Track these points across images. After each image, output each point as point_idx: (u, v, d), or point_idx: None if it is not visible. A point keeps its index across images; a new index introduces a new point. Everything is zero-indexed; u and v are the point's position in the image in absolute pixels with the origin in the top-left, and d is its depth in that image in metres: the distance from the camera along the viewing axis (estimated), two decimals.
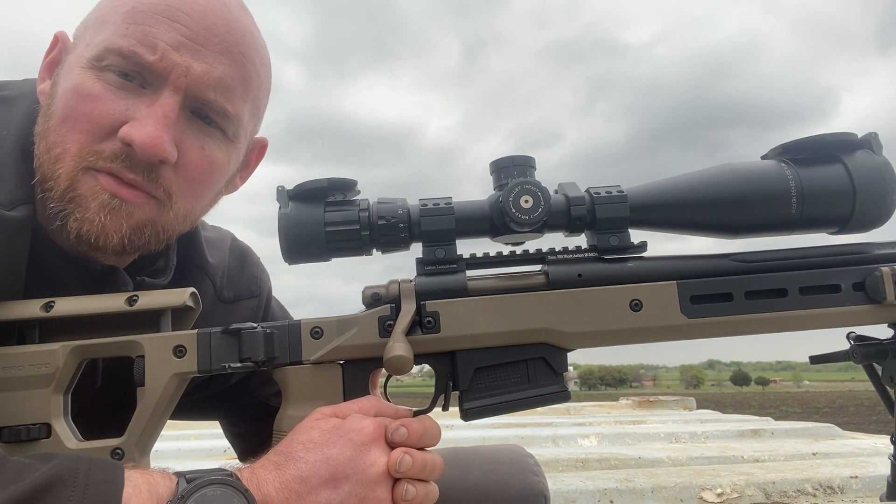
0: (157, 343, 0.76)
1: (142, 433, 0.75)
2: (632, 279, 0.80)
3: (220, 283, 0.98)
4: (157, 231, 0.81)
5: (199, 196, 0.84)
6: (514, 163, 0.80)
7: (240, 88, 0.82)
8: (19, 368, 0.74)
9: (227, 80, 0.79)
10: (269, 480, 0.65)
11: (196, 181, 0.82)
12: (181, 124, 0.78)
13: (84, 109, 0.75)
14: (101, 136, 0.75)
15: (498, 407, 0.79)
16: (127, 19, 0.76)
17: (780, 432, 3.21)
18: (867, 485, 2.12)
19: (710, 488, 2.03)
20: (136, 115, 0.75)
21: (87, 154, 0.75)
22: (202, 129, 0.81)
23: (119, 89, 0.76)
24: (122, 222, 0.77)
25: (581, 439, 3.00)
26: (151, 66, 0.75)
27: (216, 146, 0.82)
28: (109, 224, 0.76)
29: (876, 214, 0.81)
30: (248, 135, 0.89)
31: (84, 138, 0.75)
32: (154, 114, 0.75)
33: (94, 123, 0.75)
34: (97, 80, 0.75)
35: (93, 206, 0.75)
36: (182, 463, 0.75)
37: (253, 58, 0.83)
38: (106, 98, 0.75)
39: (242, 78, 0.82)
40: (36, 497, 0.56)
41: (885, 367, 0.88)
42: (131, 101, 0.76)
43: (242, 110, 0.83)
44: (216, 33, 0.78)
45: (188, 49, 0.76)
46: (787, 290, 0.79)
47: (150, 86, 0.77)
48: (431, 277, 0.79)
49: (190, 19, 0.77)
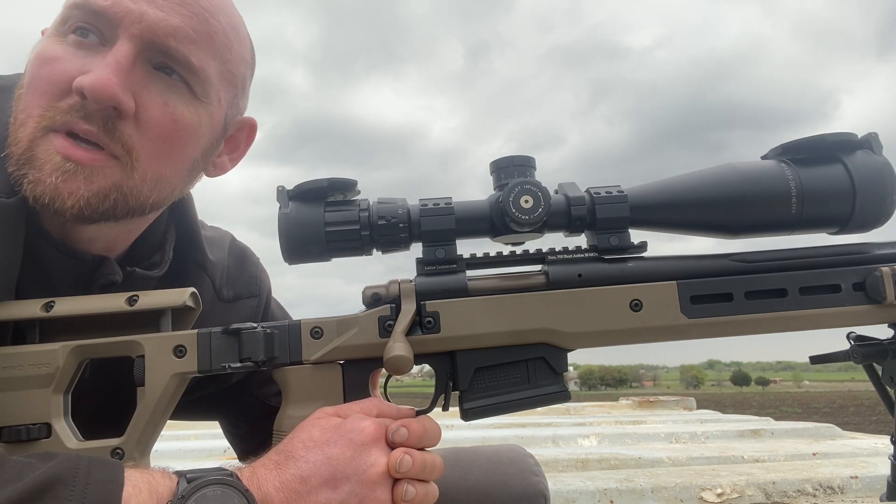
0: (158, 343, 0.76)
1: (142, 433, 0.75)
2: (632, 279, 0.80)
3: (219, 282, 0.98)
4: (125, 196, 0.77)
5: (166, 157, 0.80)
6: (514, 163, 0.80)
7: (203, 42, 0.79)
8: (19, 368, 0.74)
9: (185, 28, 0.77)
10: (270, 480, 0.65)
11: (161, 139, 0.78)
12: (138, 76, 0.75)
13: (43, 72, 0.74)
14: (59, 95, 0.74)
15: (498, 407, 0.79)
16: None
17: (780, 432, 3.21)
18: (867, 485, 2.12)
19: (710, 488, 2.03)
20: (91, 67, 0.73)
21: (46, 113, 0.73)
22: (165, 83, 0.78)
23: (77, 48, 0.75)
24: (80, 185, 0.74)
25: (581, 439, 3.00)
26: (105, 12, 0.74)
27: (181, 103, 0.79)
28: (63, 186, 0.73)
29: (876, 214, 0.81)
30: (221, 101, 0.84)
31: (44, 100, 0.74)
32: (105, 62, 0.73)
33: (52, 84, 0.74)
34: (58, 44, 0.75)
35: (46, 168, 0.73)
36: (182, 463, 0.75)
37: (216, 15, 0.80)
38: (65, 59, 0.74)
39: (206, 32, 0.79)
40: (36, 496, 0.56)
41: (885, 367, 0.88)
42: (89, 57, 0.75)
43: (208, 66, 0.80)
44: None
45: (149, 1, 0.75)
46: (788, 290, 0.79)
47: (108, 42, 0.75)
48: (431, 277, 0.79)
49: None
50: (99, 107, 0.73)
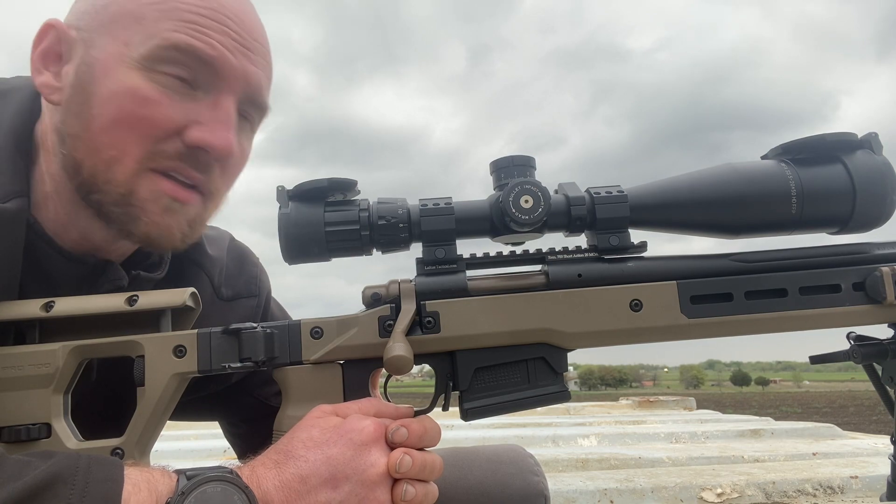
0: (157, 343, 0.76)
1: (142, 433, 0.75)
2: (632, 279, 0.80)
3: (217, 280, 0.98)
4: (201, 224, 0.84)
5: (230, 186, 0.88)
6: (514, 163, 0.80)
7: (270, 85, 0.86)
8: (19, 368, 0.74)
9: (267, 79, 0.84)
10: (269, 478, 0.65)
11: (233, 175, 0.86)
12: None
13: (144, 113, 0.75)
14: (161, 139, 0.76)
15: (498, 407, 0.79)
16: (174, 16, 0.75)
17: (780, 432, 3.21)
18: (867, 485, 2.12)
19: (710, 488, 2.03)
20: (199, 118, 0.77)
21: (150, 156, 0.76)
22: (242, 125, 0.84)
23: (175, 92, 0.76)
24: (182, 221, 0.80)
25: (581, 439, 3.00)
26: (212, 64, 0.76)
27: (247, 139, 0.87)
28: (174, 224, 0.79)
29: (876, 214, 0.81)
30: None
31: (146, 142, 0.75)
32: (220, 118, 0.78)
33: (156, 128, 0.75)
34: (151, 83, 0.75)
35: (156, 209, 0.77)
36: (182, 463, 0.75)
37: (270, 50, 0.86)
38: (164, 102, 0.75)
39: (270, 76, 0.86)
40: (36, 495, 0.56)
41: (885, 367, 0.88)
42: (189, 104, 0.77)
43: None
44: (255, 37, 0.81)
45: (241, 53, 0.79)
46: (788, 290, 0.79)
47: (202, 88, 0.77)
48: (431, 277, 0.79)
49: (235, 23, 0.78)
50: (219, 161, 0.79)
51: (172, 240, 0.80)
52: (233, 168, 0.84)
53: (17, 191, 0.75)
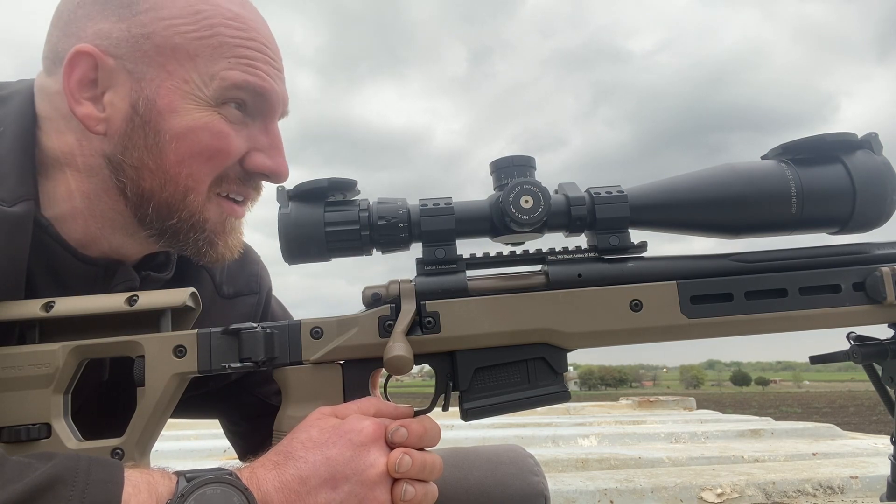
0: (157, 343, 0.76)
1: (142, 433, 0.75)
2: (632, 279, 0.80)
3: (219, 279, 0.99)
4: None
5: None
6: (514, 163, 0.80)
7: None
8: (19, 368, 0.74)
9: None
10: (269, 480, 0.65)
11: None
12: None
13: (220, 146, 0.81)
14: (227, 166, 0.83)
15: (498, 407, 0.79)
16: (226, 53, 0.80)
17: (780, 432, 3.21)
18: (867, 485, 2.12)
19: (710, 488, 2.03)
20: (256, 144, 0.85)
21: (218, 182, 0.83)
22: None
23: (236, 122, 0.82)
24: (238, 235, 0.89)
25: (581, 439, 3.00)
26: (266, 96, 0.83)
27: None
28: (236, 242, 0.88)
29: (876, 214, 0.81)
30: None
31: (217, 171, 0.82)
32: (275, 144, 0.86)
33: (229, 157, 0.82)
34: (221, 118, 0.81)
35: (225, 230, 0.86)
36: (182, 463, 0.75)
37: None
38: (233, 134, 0.82)
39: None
40: (36, 496, 0.56)
41: (885, 367, 0.88)
42: (246, 131, 0.84)
43: None
44: (279, 56, 0.87)
45: (278, 77, 0.85)
46: (788, 290, 0.79)
47: (250, 114, 0.84)
48: (431, 277, 0.79)
49: (269, 50, 0.84)
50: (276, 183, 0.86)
51: (234, 255, 0.88)
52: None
53: (24, 194, 0.75)
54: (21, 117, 0.81)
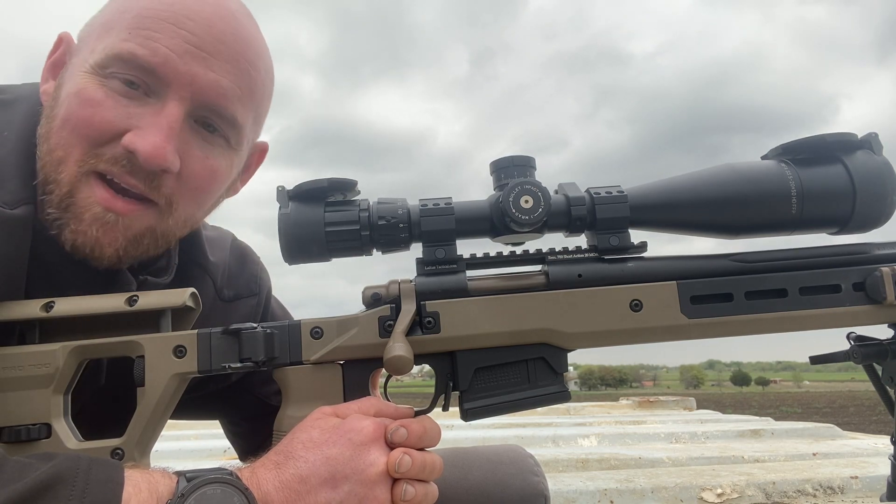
0: (157, 343, 0.76)
1: (142, 433, 0.75)
2: (632, 279, 0.80)
3: (220, 282, 0.99)
4: (156, 238, 0.81)
5: (200, 203, 0.85)
6: (514, 163, 0.80)
7: (246, 97, 0.82)
8: (19, 368, 0.74)
9: (234, 89, 0.80)
10: (269, 479, 0.65)
11: (198, 189, 0.83)
12: (185, 134, 0.78)
13: (85, 115, 0.75)
14: (101, 142, 0.75)
15: (498, 407, 0.79)
16: (131, 25, 0.75)
17: (780, 432, 3.21)
18: (867, 485, 2.12)
19: (710, 488, 2.03)
20: (140, 123, 0.75)
21: (88, 157, 0.75)
22: (206, 137, 0.81)
23: (122, 96, 0.76)
24: (119, 235, 0.77)
25: (581, 439, 3.00)
26: (154, 70, 0.75)
27: (219, 154, 0.83)
28: (104, 237, 0.76)
29: (876, 214, 0.81)
30: (249, 141, 0.90)
31: (85, 143, 0.75)
32: (158, 123, 0.75)
33: (95, 129, 0.75)
34: (100, 86, 0.75)
35: (86, 217, 0.75)
36: (182, 463, 0.75)
37: (259, 66, 0.83)
38: (107, 104, 0.75)
39: (248, 87, 0.82)
40: (36, 496, 0.56)
41: (885, 368, 0.88)
42: (134, 108, 0.76)
43: (247, 118, 0.84)
44: (223, 41, 0.78)
45: (194, 56, 0.76)
46: (788, 290, 0.79)
47: (154, 94, 0.77)
48: (431, 277, 0.79)
49: (196, 26, 0.76)
50: (148, 169, 0.75)
51: (103, 254, 0.77)
52: (196, 184, 0.81)
53: (25, 198, 0.75)
54: (25, 120, 0.81)
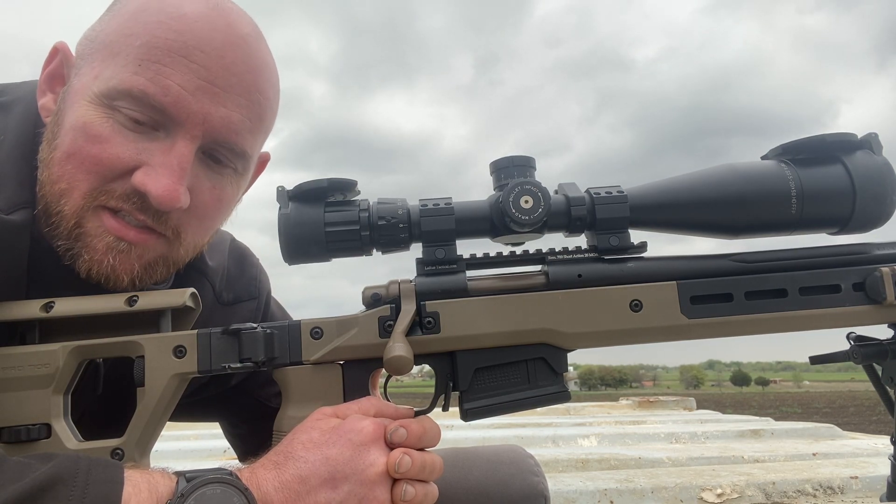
0: (157, 343, 0.76)
1: (142, 433, 0.75)
2: (632, 279, 0.80)
3: (219, 286, 0.98)
4: (168, 266, 0.81)
5: (208, 230, 0.85)
6: (513, 163, 0.80)
7: (256, 127, 0.81)
8: (19, 369, 0.74)
9: (244, 122, 0.78)
10: (269, 480, 0.65)
11: (205, 218, 0.82)
12: (194, 168, 0.77)
13: (92, 151, 0.72)
14: (109, 179, 0.74)
15: (498, 407, 0.79)
16: (140, 55, 0.72)
17: (780, 432, 3.21)
18: (867, 485, 2.12)
19: (710, 488, 2.03)
20: (150, 160, 0.73)
21: (97, 194, 0.74)
22: (214, 169, 0.80)
23: (130, 130, 0.73)
24: (133, 263, 0.76)
25: (581, 439, 3.00)
26: (165, 109, 0.73)
27: (227, 183, 0.82)
28: (119, 265, 0.76)
29: (876, 215, 0.81)
30: (255, 162, 0.88)
31: (92, 178, 0.73)
32: (169, 164, 0.73)
33: (102, 166, 0.73)
34: (106, 119, 0.73)
35: (99, 247, 0.75)
36: (182, 463, 0.75)
37: (269, 93, 0.81)
38: (115, 140, 0.73)
39: (258, 116, 0.80)
40: (36, 496, 0.56)
41: (885, 368, 0.88)
42: (143, 144, 0.74)
43: (255, 146, 0.83)
44: (234, 72, 0.76)
45: (205, 93, 0.74)
46: (788, 290, 0.79)
47: (163, 128, 0.74)
48: (431, 278, 0.79)
49: (207, 58, 0.73)
50: (160, 209, 0.74)
51: (118, 281, 0.76)
52: (203, 214, 0.80)
53: (22, 202, 0.75)
54: (23, 123, 0.80)
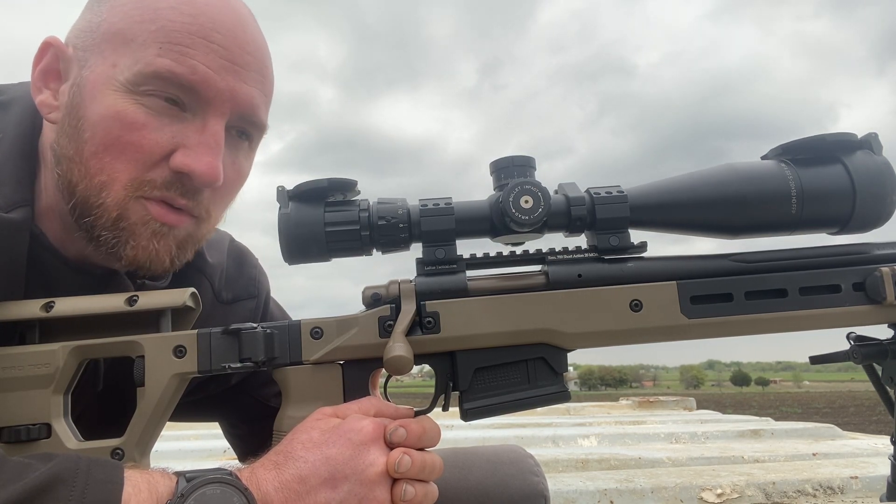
0: (157, 343, 0.76)
1: (142, 433, 0.75)
2: (632, 279, 0.80)
3: (218, 285, 0.98)
4: (195, 243, 0.84)
5: (227, 206, 0.87)
6: (513, 163, 0.80)
7: (267, 99, 0.84)
8: (19, 369, 0.74)
9: (261, 96, 0.81)
10: (269, 480, 0.65)
11: (228, 194, 0.85)
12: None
13: (131, 139, 0.74)
14: (150, 165, 0.75)
15: (498, 407, 0.79)
16: (160, 38, 0.73)
17: (780, 433, 3.21)
18: (867, 485, 2.12)
19: (710, 489, 2.03)
20: (186, 142, 0.76)
21: (139, 184, 0.75)
22: (234, 143, 0.82)
23: (162, 115, 0.75)
24: (171, 244, 0.79)
25: (581, 439, 3.00)
26: (194, 88, 0.75)
27: (244, 157, 0.85)
28: (160, 248, 0.78)
29: (876, 215, 0.81)
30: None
31: (133, 167, 0.75)
32: (207, 142, 0.76)
33: (143, 153, 0.74)
34: (139, 106, 0.74)
35: (145, 233, 0.76)
36: (182, 463, 0.75)
37: (271, 68, 0.85)
38: (151, 125, 0.74)
39: (268, 90, 0.84)
40: (36, 496, 0.56)
41: (885, 368, 0.88)
42: (176, 126, 0.76)
43: (267, 118, 0.86)
44: (248, 51, 0.79)
45: (228, 71, 0.76)
46: (788, 290, 0.79)
47: (190, 109, 0.76)
48: (431, 278, 0.79)
49: (224, 39, 0.76)
50: (202, 187, 0.77)
51: (161, 263, 0.79)
52: (226, 189, 0.83)
53: (21, 200, 0.75)
54: (21, 122, 0.80)
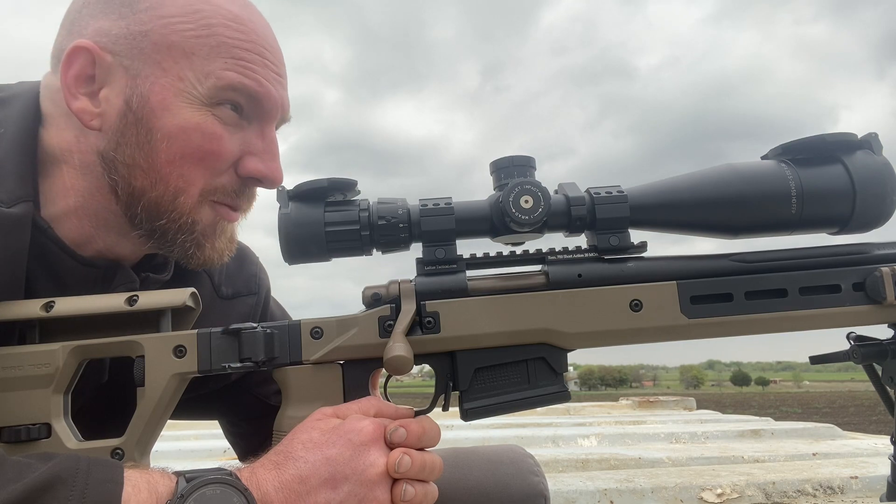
0: (157, 343, 0.76)
1: (142, 433, 0.75)
2: (632, 279, 0.80)
3: (217, 280, 0.99)
4: (235, 237, 0.90)
5: None
6: (513, 163, 0.80)
7: None
8: (19, 368, 0.74)
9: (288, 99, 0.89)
10: (269, 480, 0.65)
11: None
12: None
13: (212, 148, 0.80)
14: (221, 172, 0.82)
15: (498, 407, 0.79)
16: (223, 54, 0.79)
17: (780, 432, 3.21)
18: (867, 485, 2.12)
19: (710, 488, 2.03)
20: (251, 149, 0.84)
21: (212, 190, 0.82)
22: None
23: (230, 124, 0.81)
24: (229, 239, 0.88)
25: (581, 439, 3.00)
26: (260, 100, 0.82)
27: None
28: (227, 247, 0.87)
29: (876, 215, 0.81)
30: None
31: (207, 174, 0.81)
32: (269, 148, 0.85)
33: (220, 161, 0.81)
34: (215, 118, 0.80)
35: (216, 234, 0.85)
36: (182, 463, 0.75)
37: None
38: (226, 136, 0.81)
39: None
40: (35, 496, 0.56)
41: (885, 368, 0.88)
42: (240, 134, 0.83)
43: None
44: (282, 62, 0.87)
45: (278, 82, 0.84)
46: (788, 290, 0.79)
47: (247, 117, 0.83)
48: (431, 277, 0.79)
49: (270, 53, 0.83)
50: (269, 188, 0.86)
51: (223, 258, 0.87)
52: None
53: (23, 195, 0.75)
54: (22, 118, 0.81)
